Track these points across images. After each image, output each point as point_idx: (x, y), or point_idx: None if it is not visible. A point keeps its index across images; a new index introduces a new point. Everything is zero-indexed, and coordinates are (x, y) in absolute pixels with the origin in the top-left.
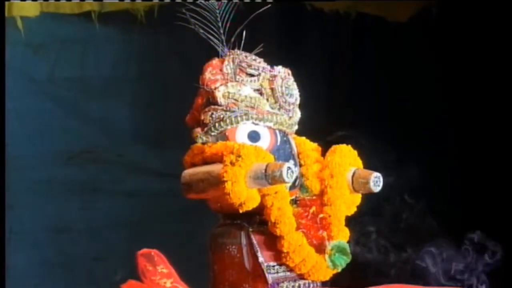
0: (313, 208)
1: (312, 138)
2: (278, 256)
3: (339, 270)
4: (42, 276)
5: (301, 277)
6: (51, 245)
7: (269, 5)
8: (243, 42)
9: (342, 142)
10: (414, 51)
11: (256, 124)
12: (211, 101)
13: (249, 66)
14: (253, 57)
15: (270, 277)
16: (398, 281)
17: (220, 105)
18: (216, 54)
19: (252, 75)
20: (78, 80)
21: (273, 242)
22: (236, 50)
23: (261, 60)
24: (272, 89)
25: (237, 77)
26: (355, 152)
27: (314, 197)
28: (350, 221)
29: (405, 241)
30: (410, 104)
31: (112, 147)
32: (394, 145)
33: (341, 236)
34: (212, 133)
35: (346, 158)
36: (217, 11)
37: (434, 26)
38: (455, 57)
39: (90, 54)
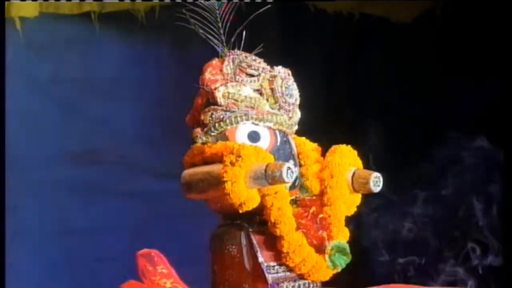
0: (313, 208)
1: (312, 139)
2: (278, 256)
3: (339, 270)
4: (43, 277)
5: (301, 277)
6: (53, 246)
7: (269, 5)
8: (243, 42)
9: None
10: (418, 52)
11: (256, 125)
12: (211, 101)
13: (249, 66)
14: (253, 57)
15: (270, 277)
16: None
17: (220, 105)
18: (216, 54)
19: (252, 75)
20: (79, 81)
21: (273, 242)
22: (236, 50)
23: (261, 60)
24: (272, 89)
25: (237, 77)
26: (355, 152)
27: (314, 197)
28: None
29: None
30: (413, 104)
31: (113, 148)
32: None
33: (341, 236)
34: (212, 133)
35: (346, 158)
36: (217, 11)
37: (438, 27)
38: (459, 58)
39: (91, 55)
